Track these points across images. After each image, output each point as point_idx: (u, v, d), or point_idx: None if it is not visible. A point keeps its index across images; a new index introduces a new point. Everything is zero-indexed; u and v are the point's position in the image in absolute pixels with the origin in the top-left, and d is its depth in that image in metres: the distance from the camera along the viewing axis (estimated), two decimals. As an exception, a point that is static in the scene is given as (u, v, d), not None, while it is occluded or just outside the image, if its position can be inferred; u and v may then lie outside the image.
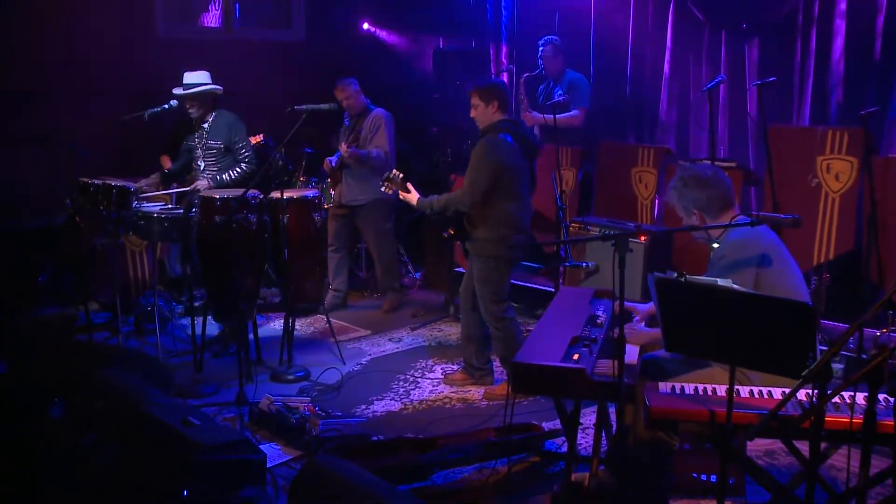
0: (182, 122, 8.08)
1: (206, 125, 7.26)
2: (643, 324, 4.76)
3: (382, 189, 6.49)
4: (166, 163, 8.34)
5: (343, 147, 8.01)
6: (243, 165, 7.23)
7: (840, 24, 7.29)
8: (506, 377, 6.35)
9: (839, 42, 7.30)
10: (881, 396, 3.55)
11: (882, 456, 4.29)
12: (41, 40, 8.33)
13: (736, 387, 3.53)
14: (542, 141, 8.59)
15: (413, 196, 6.31)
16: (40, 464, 4.88)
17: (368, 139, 8.02)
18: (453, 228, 6.37)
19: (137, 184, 7.25)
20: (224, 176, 7.19)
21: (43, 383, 5.34)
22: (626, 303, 4.90)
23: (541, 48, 8.67)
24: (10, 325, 7.48)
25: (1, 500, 4.80)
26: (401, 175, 6.41)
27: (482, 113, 6.18)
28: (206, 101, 7.19)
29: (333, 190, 8.40)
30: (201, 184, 7.11)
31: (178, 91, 7.14)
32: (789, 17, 7.63)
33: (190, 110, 7.19)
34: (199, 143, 7.29)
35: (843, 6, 7.27)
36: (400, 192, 6.37)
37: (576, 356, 4.03)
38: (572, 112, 8.42)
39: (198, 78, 7.19)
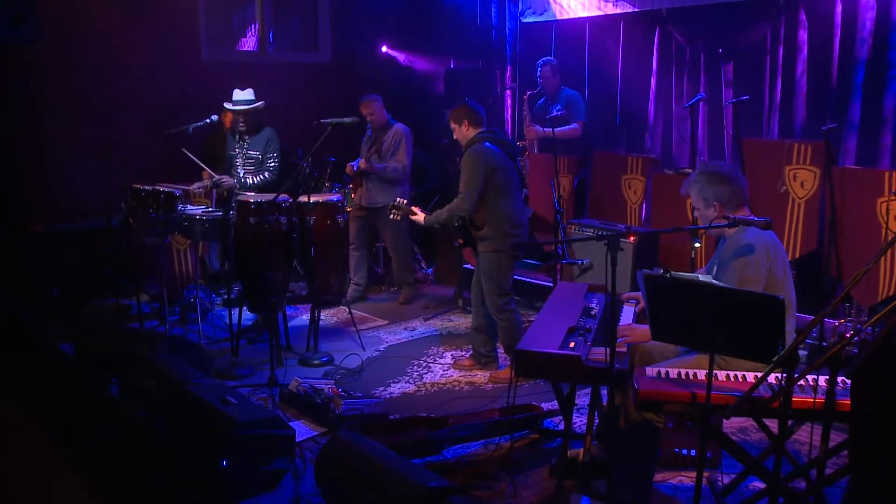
0: (214, 136, 8.12)
1: (247, 137, 7.29)
2: (633, 309, 4.78)
3: (391, 217, 6.53)
4: (206, 178, 8.39)
5: (362, 161, 8.05)
6: (266, 174, 7.21)
7: (803, 51, 7.31)
8: (509, 363, 6.36)
9: (802, 66, 7.32)
10: (840, 379, 3.57)
11: (839, 431, 4.30)
12: (101, 64, 8.39)
13: (714, 371, 3.54)
14: (541, 151, 8.66)
15: (420, 217, 6.35)
16: (101, 434, 4.93)
17: (390, 152, 8.04)
18: (462, 238, 6.42)
19: (191, 187, 7.33)
20: (250, 180, 7.21)
21: (102, 364, 5.39)
22: (628, 293, 4.93)
23: (539, 68, 8.68)
24: (75, 313, 7.54)
25: (65, 466, 4.86)
26: (404, 201, 6.44)
27: (459, 133, 6.33)
28: (254, 117, 7.22)
29: (355, 194, 8.41)
30: (227, 179, 7.10)
31: (228, 105, 7.15)
32: (759, 43, 7.64)
33: (240, 124, 7.20)
34: (240, 152, 7.31)
35: (804, 36, 7.28)
36: (408, 215, 6.41)
37: (572, 344, 4.05)
38: (572, 125, 8.42)
39: (246, 95, 7.20)
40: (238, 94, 7.18)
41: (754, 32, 7.65)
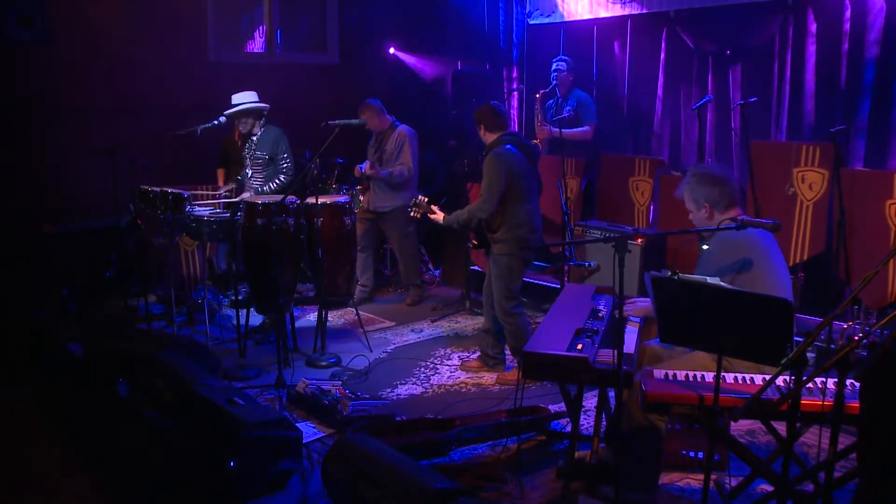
0: (230, 137, 8.15)
1: (254, 137, 7.33)
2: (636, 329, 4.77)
3: (411, 214, 6.52)
4: (221, 177, 8.42)
5: (367, 166, 8.06)
6: (282, 177, 7.29)
7: (811, 52, 7.28)
8: (516, 364, 6.36)
9: (810, 67, 7.29)
10: (848, 382, 3.56)
11: (848, 434, 4.30)
12: (110, 65, 8.44)
13: (722, 373, 3.53)
14: (549, 152, 8.65)
15: (439, 216, 6.35)
16: (108, 434, 4.95)
17: (394, 155, 8.04)
18: (476, 238, 6.41)
19: (218, 190, 7.48)
20: (265, 187, 7.26)
21: (110, 365, 5.40)
22: (630, 312, 4.90)
23: (555, 65, 8.63)
24: (84, 313, 7.56)
25: (74, 466, 4.88)
26: (426, 199, 6.45)
27: (481, 134, 6.35)
28: (250, 116, 7.26)
29: (363, 196, 8.42)
30: (246, 195, 7.18)
31: (228, 112, 7.23)
32: (767, 45, 7.62)
33: (240, 126, 7.30)
34: (248, 153, 7.36)
35: (812, 37, 7.27)
36: (428, 213, 6.41)
37: (579, 346, 4.05)
38: (584, 128, 8.41)
39: (244, 97, 7.25)
40: (236, 98, 7.24)
41: (762, 33, 7.64)
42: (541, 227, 6.40)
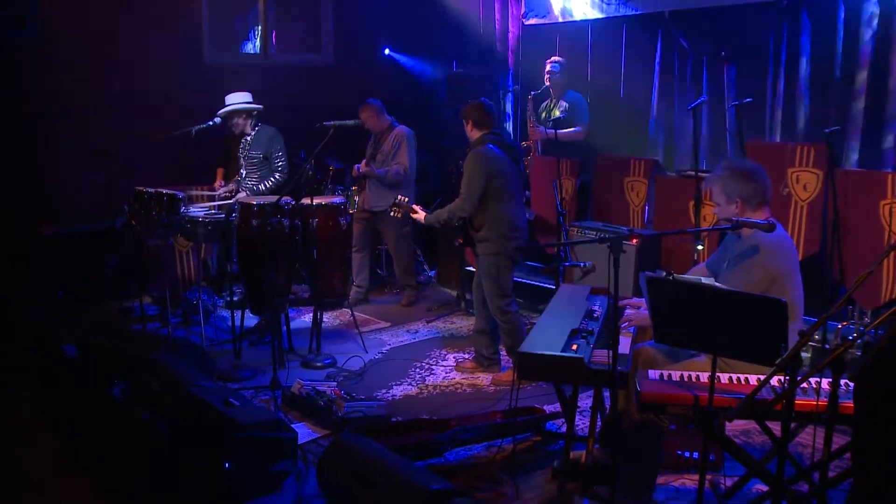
0: (230, 137, 8.15)
1: (248, 138, 7.35)
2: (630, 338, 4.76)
3: (391, 214, 6.54)
4: (220, 175, 8.41)
5: (362, 165, 8.06)
6: (277, 175, 7.31)
7: (805, 53, 7.30)
8: (512, 365, 6.36)
9: (805, 68, 7.31)
10: (843, 382, 3.57)
11: (842, 434, 4.31)
12: (105, 66, 8.43)
13: (717, 374, 3.53)
14: (544, 153, 8.66)
15: (421, 215, 6.36)
16: (105, 436, 4.94)
17: (391, 155, 8.03)
18: (462, 238, 6.42)
19: (217, 190, 7.59)
20: (261, 186, 7.27)
21: (106, 366, 5.40)
22: (625, 322, 4.89)
23: (549, 66, 8.64)
24: (79, 315, 7.55)
25: (72, 468, 4.87)
26: (406, 199, 6.45)
27: (467, 130, 6.36)
28: (239, 117, 7.28)
29: (358, 196, 8.42)
30: (242, 196, 7.18)
31: (220, 112, 7.24)
32: (762, 45, 7.63)
33: (232, 128, 7.32)
34: (242, 153, 7.37)
35: (806, 38, 7.28)
36: (409, 213, 6.41)
37: (574, 346, 4.05)
38: (576, 129, 8.43)
39: (237, 98, 7.27)
40: (229, 98, 7.27)
41: (757, 34, 7.65)
42: (526, 226, 6.40)
